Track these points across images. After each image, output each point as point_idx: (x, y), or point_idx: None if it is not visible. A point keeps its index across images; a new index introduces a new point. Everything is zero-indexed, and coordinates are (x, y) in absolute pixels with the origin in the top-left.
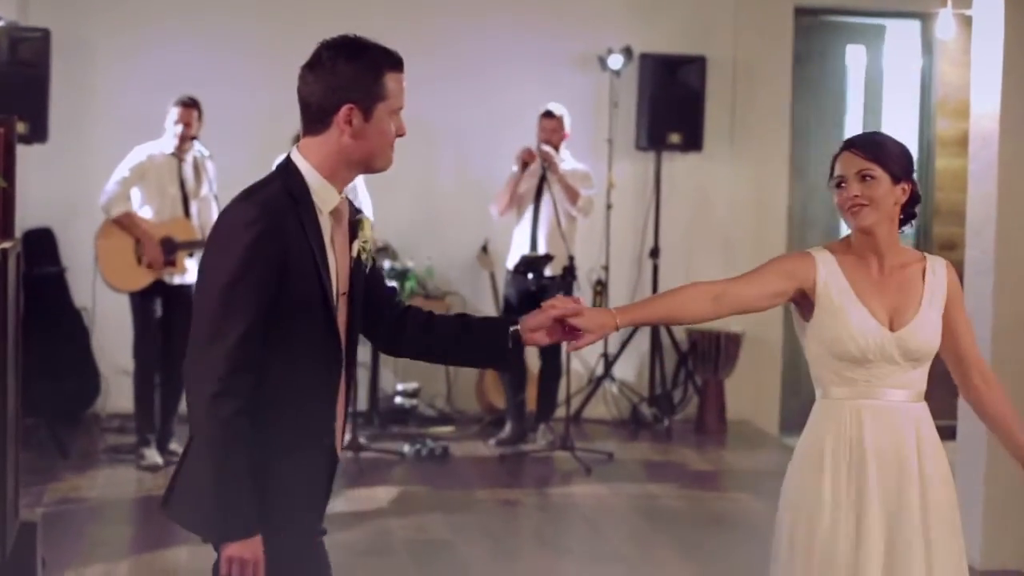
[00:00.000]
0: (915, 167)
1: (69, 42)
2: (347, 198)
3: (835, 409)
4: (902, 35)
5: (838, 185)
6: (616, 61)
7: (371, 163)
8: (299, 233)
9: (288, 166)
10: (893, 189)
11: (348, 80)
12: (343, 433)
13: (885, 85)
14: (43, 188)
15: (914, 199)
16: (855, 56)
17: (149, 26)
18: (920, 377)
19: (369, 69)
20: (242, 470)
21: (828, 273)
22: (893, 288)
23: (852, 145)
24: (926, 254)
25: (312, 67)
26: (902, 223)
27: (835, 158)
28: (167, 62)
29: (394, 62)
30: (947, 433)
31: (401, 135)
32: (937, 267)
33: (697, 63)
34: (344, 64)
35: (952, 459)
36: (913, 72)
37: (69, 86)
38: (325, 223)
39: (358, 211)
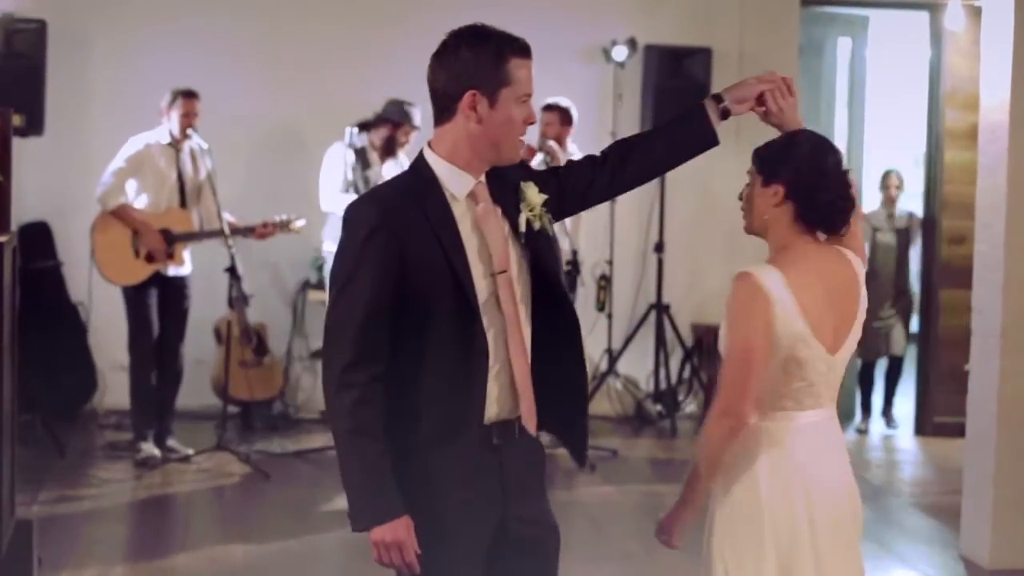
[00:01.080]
0: (800, 166)
1: (65, 33)
2: (483, 181)
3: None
4: (911, 26)
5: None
6: (620, 53)
7: (499, 151)
8: (423, 224)
9: (419, 160)
10: (763, 191)
11: (471, 67)
12: (534, 411)
13: (884, 76)
14: (39, 181)
15: (806, 199)
16: (845, 48)
17: (147, 17)
18: None
19: (492, 55)
20: (374, 456)
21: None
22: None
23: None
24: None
25: (438, 56)
26: (814, 225)
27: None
28: (165, 54)
29: (519, 48)
30: (955, 430)
31: (531, 123)
32: None
33: (702, 55)
34: (467, 51)
35: (959, 457)
36: (921, 63)
37: (65, 78)
38: (461, 209)
39: (524, 177)
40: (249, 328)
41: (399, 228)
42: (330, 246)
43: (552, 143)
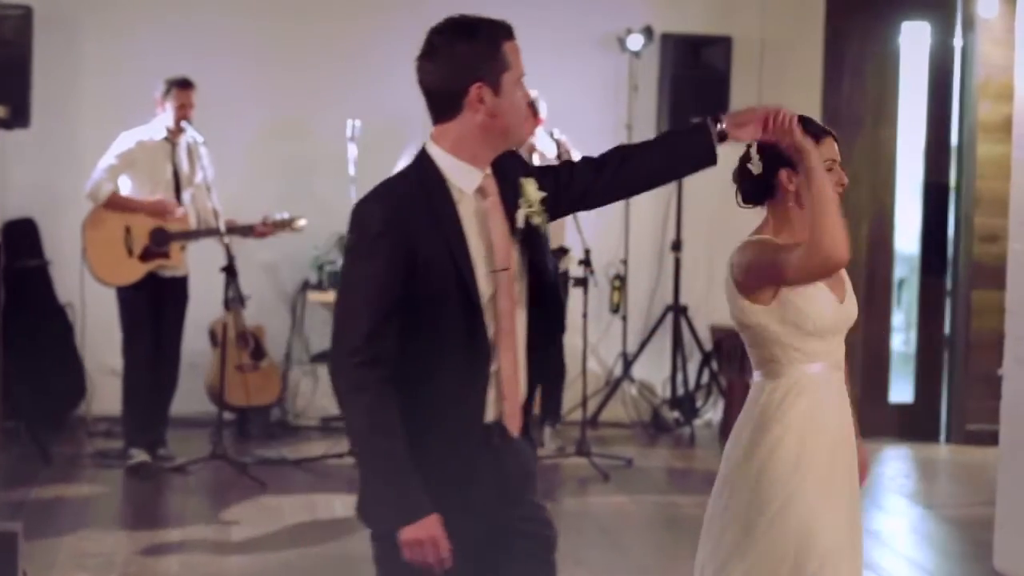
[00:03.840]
0: None
1: (53, 20)
2: (490, 173)
3: (809, 384)
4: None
5: (829, 168)
6: (636, 42)
7: (510, 137)
8: (430, 223)
9: (422, 157)
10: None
11: (470, 59)
12: (519, 413)
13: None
14: (25, 176)
15: None
16: (910, 35)
17: (138, 2)
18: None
19: (487, 43)
20: (398, 455)
21: None
22: None
23: (830, 133)
24: None
25: (429, 55)
26: None
27: (817, 141)
28: (156, 43)
29: (507, 31)
30: (988, 438)
31: (529, 102)
32: None
33: (722, 44)
34: (462, 44)
35: (993, 466)
36: (952, 52)
37: (53, 67)
38: (469, 205)
39: (524, 172)
40: (246, 331)
41: (406, 227)
42: None
43: (561, 136)
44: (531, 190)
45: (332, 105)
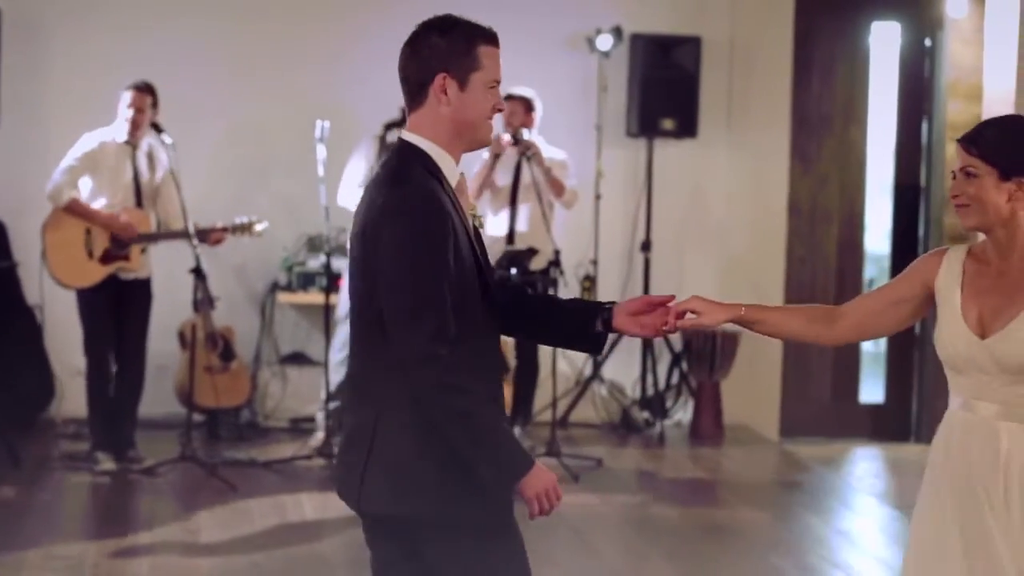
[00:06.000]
0: None
1: (21, 20)
2: (463, 173)
3: (947, 420)
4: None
5: (953, 178)
6: (605, 42)
7: (473, 134)
8: (452, 207)
9: (409, 147)
10: (1001, 186)
11: (442, 51)
12: None
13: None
14: None
15: None
16: (880, 35)
17: (106, 5)
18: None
19: (462, 40)
20: (496, 421)
21: (948, 271)
22: (1005, 292)
23: (961, 138)
24: None
25: (409, 44)
26: None
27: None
28: (126, 44)
29: (487, 36)
30: None
31: (500, 110)
32: None
33: (691, 44)
34: (437, 37)
35: None
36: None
37: (21, 68)
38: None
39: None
40: (215, 332)
41: (445, 208)
42: None
43: (529, 137)
44: (467, 199)
45: (300, 106)
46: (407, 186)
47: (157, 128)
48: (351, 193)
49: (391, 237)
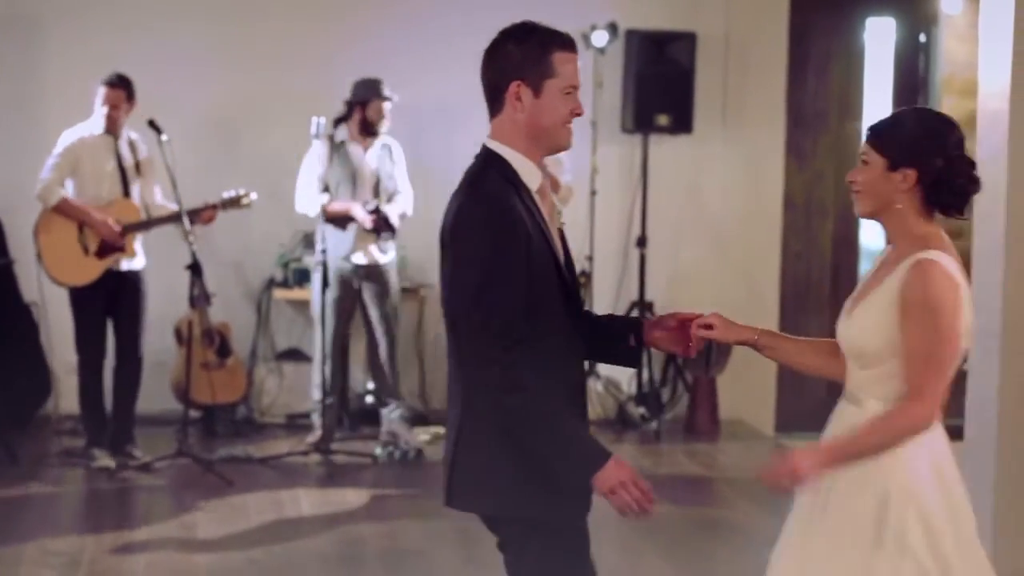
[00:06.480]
0: (941, 147)
1: (16, 17)
2: (546, 176)
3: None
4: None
5: None
6: (600, 38)
7: (550, 139)
8: (526, 212)
9: (489, 154)
10: (889, 175)
11: (516, 59)
12: None
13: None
14: None
15: (938, 183)
16: (875, 30)
17: (103, 3)
18: (869, 380)
19: (536, 48)
20: (565, 416)
21: None
22: (875, 279)
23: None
24: (923, 251)
25: (488, 52)
26: (942, 210)
27: None
28: (122, 42)
29: (563, 43)
30: (953, 433)
31: (579, 114)
32: (906, 263)
33: (687, 40)
34: (513, 45)
35: (958, 461)
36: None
37: (16, 65)
38: (536, 201)
39: None
40: (211, 328)
41: (517, 214)
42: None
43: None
44: (554, 199)
45: (296, 103)
46: (478, 192)
47: (155, 128)
48: (309, 198)
49: (460, 243)
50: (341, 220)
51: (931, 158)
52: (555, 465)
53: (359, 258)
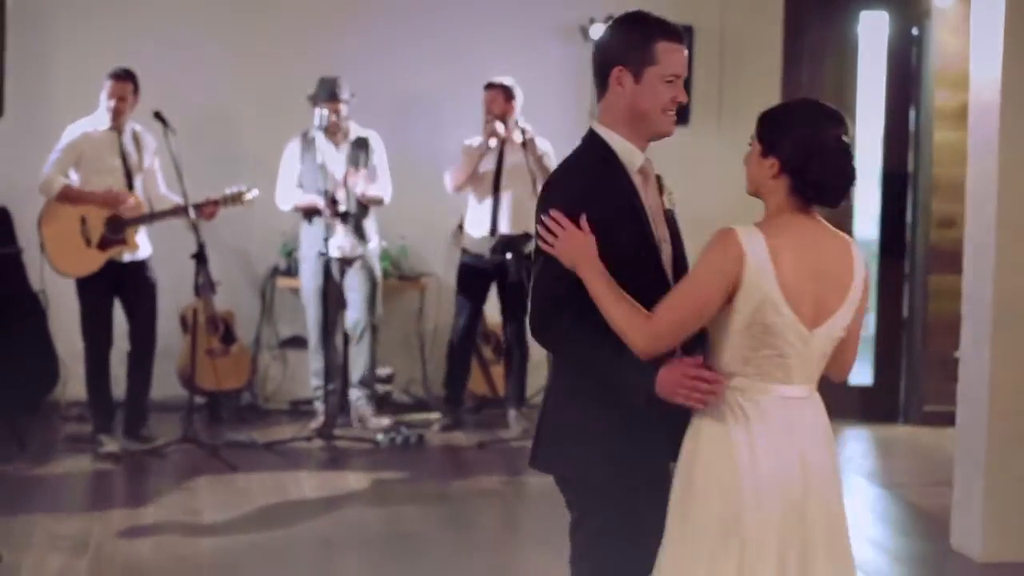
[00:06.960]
0: (807, 140)
1: (26, 8)
2: (649, 159)
3: None
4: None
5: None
6: (598, 31)
7: (649, 125)
8: (618, 192)
9: (590, 136)
10: (761, 160)
11: (619, 46)
12: None
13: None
14: None
15: (798, 174)
16: (869, 24)
17: None
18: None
19: (639, 36)
20: (613, 344)
21: None
22: None
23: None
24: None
25: (600, 38)
26: (809, 200)
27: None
28: (130, 34)
29: (667, 32)
30: (945, 419)
31: (680, 102)
32: None
33: (683, 33)
34: (618, 32)
35: (950, 446)
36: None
37: (26, 57)
38: (635, 180)
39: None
40: (216, 316)
41: (599, 194)
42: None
43: (498, 124)
44: (665, 183)
45: (301, 95)
46: (564, 170)
47: (162, 119)
48: (287, 194)
49: (537, 215)
50: (308, 213)
51: (794, 150)
52: (613, 378)
53: (333, 251)
